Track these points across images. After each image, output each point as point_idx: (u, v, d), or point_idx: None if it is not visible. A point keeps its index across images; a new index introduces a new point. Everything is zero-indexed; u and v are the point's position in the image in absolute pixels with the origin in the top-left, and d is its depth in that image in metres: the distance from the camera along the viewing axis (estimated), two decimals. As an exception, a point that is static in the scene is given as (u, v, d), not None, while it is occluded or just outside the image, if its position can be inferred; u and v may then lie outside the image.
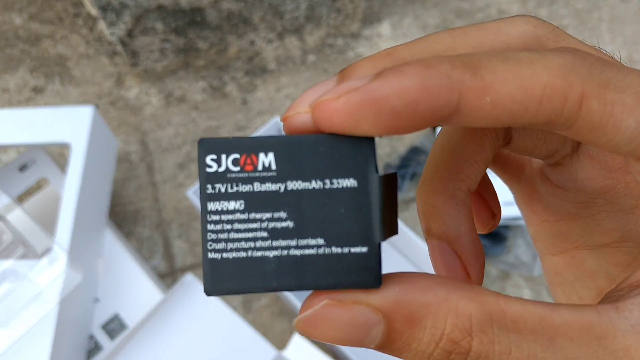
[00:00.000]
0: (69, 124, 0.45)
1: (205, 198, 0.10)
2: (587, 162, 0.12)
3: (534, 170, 0.14)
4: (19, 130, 0.45)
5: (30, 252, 0.43)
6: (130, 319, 0.47)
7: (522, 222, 0.52)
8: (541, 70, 0.09)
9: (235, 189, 0.10)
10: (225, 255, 0.10)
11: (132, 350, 0.44)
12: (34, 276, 0.41)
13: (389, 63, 0.10)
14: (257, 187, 0.10)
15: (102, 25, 0.56)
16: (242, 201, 0.10)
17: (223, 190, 0.10)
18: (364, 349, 0.11)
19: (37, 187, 0.57)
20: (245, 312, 0.51)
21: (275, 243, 0.10)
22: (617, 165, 0.12)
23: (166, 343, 0.44)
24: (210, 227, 0.10)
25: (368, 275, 0.09)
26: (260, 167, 0.10)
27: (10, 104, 0.63)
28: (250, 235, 0.10)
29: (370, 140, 0.10)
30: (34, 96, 0.63)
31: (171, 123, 0.61)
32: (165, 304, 0.45)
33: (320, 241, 0.10)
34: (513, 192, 0.15)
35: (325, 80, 0.10)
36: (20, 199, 0.55)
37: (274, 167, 0.10)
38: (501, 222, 0.51)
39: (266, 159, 0.10)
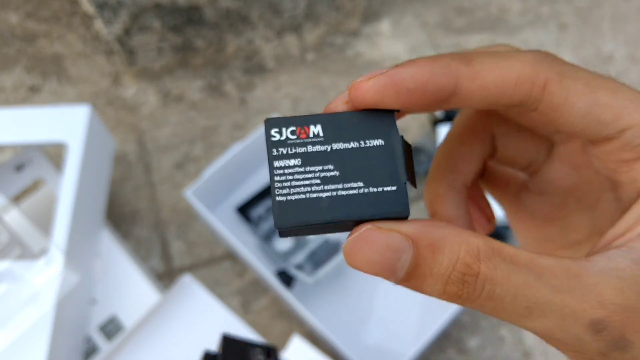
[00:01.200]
0: (66, 124, 0.44)
1: (272, 158, 0.13)
2: (558, 164, 0.15)
3: (518, 185, 0.17)
4: (15, 129, 0.44)
5: (27, 253, 0.43)
6: (128, 320, 0.46)
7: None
8: (516, 62, 0.12)
9: (293, 151, 0.13)
10: (289, 197, 0.13)
11: (130, 351, 0.44)
12: (31, 277, 0.41)
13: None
14: (310, 148, 0.13)
15: (98, 23, 0.55)
16: (299, 159, 0.13)
17: (284, 152, 0.13)
18: (363, 348, 0.17)
19: (34, 187, 0.56)
20: (245, 313, 0.51)
21: (326, 187, 0.13)
22: (581, 161, 0.14)
23: (164, 344, 0.44)
24: (277, 178, 0.13)
25: (399, 206, 0.12)
26: (311, 135, 0.13)
27: (6, 103, 0.63)
28: (307, 182, 0.13)
29: (391, 113, 0.13)
30: (30, 95, 0.63)
31: (169, 122, 0.61)
32: (163, 305, 0.44)
33: (360, 184, 0.13)
34: (502, 207, 0.17)
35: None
36: (17, 199, 0.55)
37: (321, 134, 0.13)
38: (500, 222, 0.50)
39: (315, 129, 0.13)
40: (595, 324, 0.11)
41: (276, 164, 0.13)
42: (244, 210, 0.54)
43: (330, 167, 0.13)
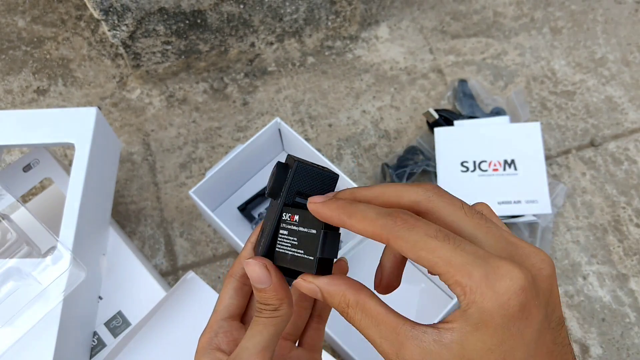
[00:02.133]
0: (73, 125, 0.46)
1: (278, 229, 0.24)
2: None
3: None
4: (24, 131, 0.45)
5: (34, 251, 0.44)
6: (133, 317, 0.47)
7: (518, 221, 0.53)
8: (373, 225, 0.20)
9: (287, 227, 0.23)
10: (278, 249, 0.24)
11: (135, 347, 0.45)
12: (38, 274, 0.41)
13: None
14: (291, 227, 0.23)
15: (104, 27, 0.56)
16: (287, 231, 0.23)
17: (284, 226, 0.23)
18: (362, 345, 0.27)
19: (41, 187, 0.57)
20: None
21: (291, 249, 0.23)
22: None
23: (169, 340, 0.45)
24: (279, 238, 0.24)
25: (311, 269, 0.21)
26: (294, 220, 0.23)
27: (13, 105, 0.64)
28: (287, 243, 0.23)
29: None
30: (37, 98, 0.64)
31: (173, 124, 0.62)
32: (168, 302, 0.45)
33: (302, 252, 0.22)
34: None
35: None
36: (25, 198, 0.56)
37: (297, 220, 0.23)
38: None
39: (296, 217, 0.23)
40: (398, 356, 0.19)
41: (280, 231, 0.23)
42: (245, 209, 0.55)
43: (295, 239, 0.22)
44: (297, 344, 0.27)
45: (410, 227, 0.19)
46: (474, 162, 0.54)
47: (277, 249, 0.23)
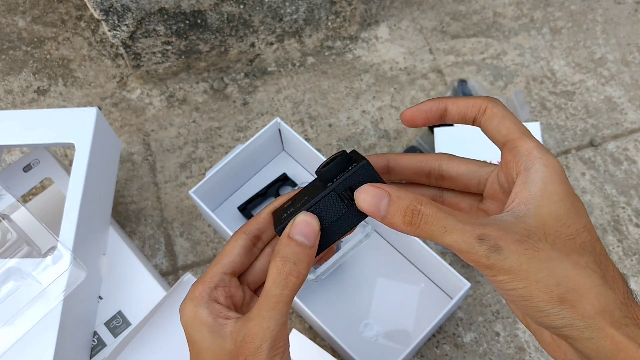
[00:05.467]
0: (73, 125, 0.46)
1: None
2: (494, 176, 0.24)
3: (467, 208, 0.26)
4: (25, 131, 0.45)
5: (35, 251, 0.44)
6: (133, 317, 0.47)
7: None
8: (471, 99, 0.24)
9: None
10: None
11: (135, 347, 0.45)
12: (38, 274, 0.41)
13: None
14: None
15: (104, 27, 0.56)
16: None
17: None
18: (361, 343, 0.42)
19: (41, 187, 0.57)
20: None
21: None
22: (503, 174, 0.24)
23: (169, 340, 0.45)
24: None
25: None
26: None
27: (14, 105, 0.64)
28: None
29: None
30: (37, 98, 0.64)
31: (173, 124, 0.62)
32: (167, 302, 0.45)
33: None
34: None
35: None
36: (25, 198, 0.56)
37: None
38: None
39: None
40: (480, 236, 0.19)
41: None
42: (245, 209, 0.55)
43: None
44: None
45: (502, 106, 0.23)
46: (474, 162, 0.54)
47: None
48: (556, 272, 0.19)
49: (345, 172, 0.22)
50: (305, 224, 0.22)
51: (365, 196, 0.21)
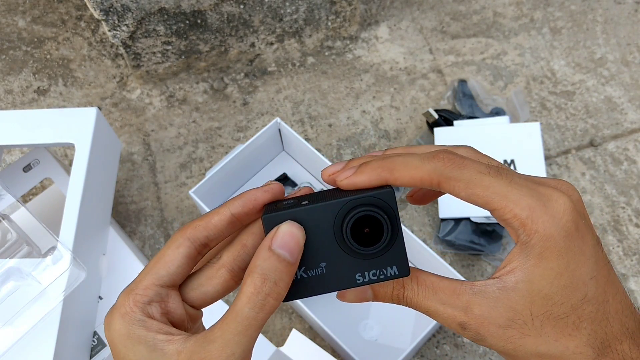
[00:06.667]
0: (73, 125, 0.46)
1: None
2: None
3: None
4: (25, 131, 0.45)
5: (35, 251, 0.44)
6: (133, 316, 0.47)
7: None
8: (419, 172, 0.20)
9: None
10: None
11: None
12: (38, 274, 0.41)
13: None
14: None
15: (104, 27, 0.56)
16: None
17: None
18: (361, 343, 0.44)
19: (41, 187, 0.57)
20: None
21: None
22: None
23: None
24: None
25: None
26: None
27: (14, 105, 0.64)
28: None
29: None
30: (37, 98, 0.64)
31: (173, 124, 0.62)
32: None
33: None
34: None
35: (339, 163, 0.22)
36: (25, 198, 0.56)
37: None
38: (497, 220, 0.51)
39: None
40: (461, 324, 0.19)
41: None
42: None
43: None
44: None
45: (461, 167, 0.19)
46: (474, 162, 0.54)
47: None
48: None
49: (367, 191, 0.20)
50: (291, 237, 0.19)
51: (349, 296, 0.21)
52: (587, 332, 0.18)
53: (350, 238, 0.19)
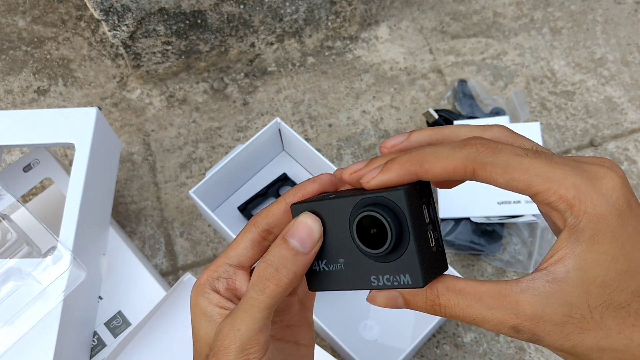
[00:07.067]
0: (73, 125, 0.46)
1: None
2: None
3: None
4: (25, 131, 0.45)
5: (35, 251, 0.44)
6: (133, 317, 0.47)
7: (517, 221, 0.53)
8: (451, 161, 0.18)
9: None
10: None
11: (135, 347, 0.45)
12: (38, 274, 0.41)
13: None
14: None
15: (104, 27, 0.56)
16: None
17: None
18: (362, 343, 0.41)
19: (41, 187, 0.57)
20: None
21: None
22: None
23: (169, 340, 0.45)
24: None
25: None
26: None
27: (14, 105, 0.64)
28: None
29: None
30: (37, 98, 0.64)
31: (173, 124, 0.62)
32: (167, 302, 0.46)
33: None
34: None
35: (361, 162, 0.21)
36: (25, 198, 0.56)
37: None
38: (497, 220, 0.52)
39: None
40: (514, 328, 0.17)
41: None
42: (245, 209, 0.55)
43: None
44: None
45: (496, 151, 0.17)
46: (474, 162, 0.54)
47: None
48: (606, 356, 0.17)
49: (390, 189, 0.19)
50: (304, 227, 0.20)
51: (380, 299, 0.20)
52: None
53: (357, 237, 0.19)
